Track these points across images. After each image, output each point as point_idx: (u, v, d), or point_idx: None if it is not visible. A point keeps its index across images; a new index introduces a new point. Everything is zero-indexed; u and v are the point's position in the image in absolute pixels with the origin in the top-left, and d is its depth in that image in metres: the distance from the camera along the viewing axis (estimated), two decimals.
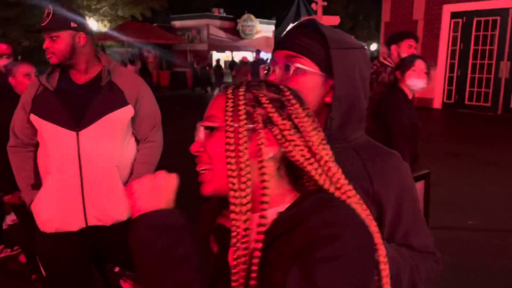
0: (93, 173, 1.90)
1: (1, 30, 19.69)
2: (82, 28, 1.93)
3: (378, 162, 0.99)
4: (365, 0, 34.77)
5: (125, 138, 2.02)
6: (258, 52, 12.25)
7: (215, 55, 26.06)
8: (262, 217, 0.73)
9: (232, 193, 0.74)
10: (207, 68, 20.21)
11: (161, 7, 24.76)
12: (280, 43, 1.02)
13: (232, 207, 0.74)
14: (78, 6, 22.12)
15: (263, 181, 0.74)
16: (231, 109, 0.77)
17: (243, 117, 0.76)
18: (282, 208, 0.76)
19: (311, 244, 0.66)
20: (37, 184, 1.99)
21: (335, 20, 14.65)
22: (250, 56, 24.76)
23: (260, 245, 0.72)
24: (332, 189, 0.76)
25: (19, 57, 23.35)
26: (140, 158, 2.08)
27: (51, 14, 1.86)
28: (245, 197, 0.73)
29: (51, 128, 1.89)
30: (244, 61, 13.06)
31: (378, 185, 0.96)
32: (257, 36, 28.43)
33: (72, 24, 1.89)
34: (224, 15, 27.92)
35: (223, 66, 20.66)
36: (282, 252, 0.70)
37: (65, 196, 1.92)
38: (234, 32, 27.83)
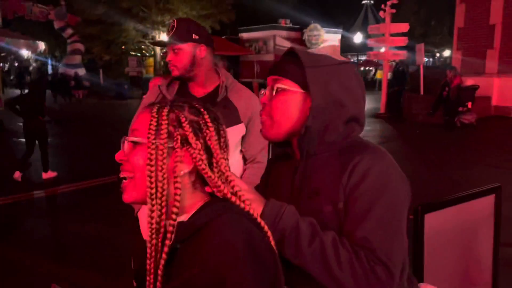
0: None
1: (86, 46, 21.34)
2: (202, 39, 1.94)
3: (354, 159, 1.07)
4: (438, 5, 33.21)
5: (233, 156, 2.02)
6: None
7: None
8: (171, 225, 0.84)
9: (149, 201, 0.84)
10: None
11: (229, 20, 25.50)
12: (270, 69, 1.19)
13: (149, 213, 0.84)
14: (153, 22, 23.47)
15: (175, 194, 0.84)
16: (154, 128, 0.86)
17: (164, 135, 0.85)
18: (185, 217, 0.88)
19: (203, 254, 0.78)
20: None
21: (404, 27, 14.21)
22: None
23: (166, 250, 0.83)
24: (233, 198, 0.88)
25: (100, 70, 25.23)
26: (246, 177, 2.05)
27: (175, 27, 1.89)
28: (161, 206, 0.84)
29: None
30: None
31: (344, 175, 1.06)
32: (323, 45, 28.24)
33: (194, 36, 1.90)
34: (291, 25, 28.07)
35: None
36: (180, 261, 0.83)
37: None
38: (301, 42, 27.87)
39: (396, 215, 1.04)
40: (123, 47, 24.78)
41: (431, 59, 40.80)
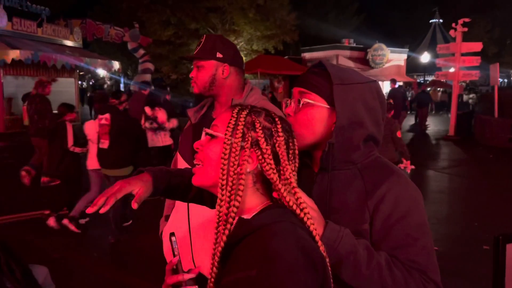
0: (199, 213, 1.69)
1: (155, 65, 22.52)
2: (227, 59, 1.85)
3: (375, 179, 1.11)
4: None
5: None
6: (393, 81, 11.93)
7: None
8: (231, 217, 0.91)
9: (219, 191, 0.93)
10: None
11: (292, 40, 25.78)
12: (297, 81, 1.19)
13: (218, 201, 0.93)
14: None
15: (238, 190, 0.92)
16: (232, 127, 0.95)
17: (239, 135, 0.94)
18: (249, 215, 0.94)
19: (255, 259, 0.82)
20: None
21: (476, 46, 13.56)
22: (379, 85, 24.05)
23: (224, 240, 0.90)
24: (294, 207, 0.92)
25: (168, 88, 26.43)
26: None
27: (202, 43, 1.85)
28: (229, 198, 0.91)
29: (180, 160, 1.93)
30: None
31: (371, 199, 1.08)
32: (387, 65, 27.63)
33: (218, 55, 1.83)
34: (354, 45, 27.81)
35: None
36: (236, 257, 0.87)
37: (176, 234, 1.90)
38: (364, 61, 27.48)
39: (429, 233, 1.11)
40: (190, 67, 25.81)
41: (505, 80, 38.43)
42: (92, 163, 4.93)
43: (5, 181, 7.38)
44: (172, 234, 1.05)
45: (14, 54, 13.68)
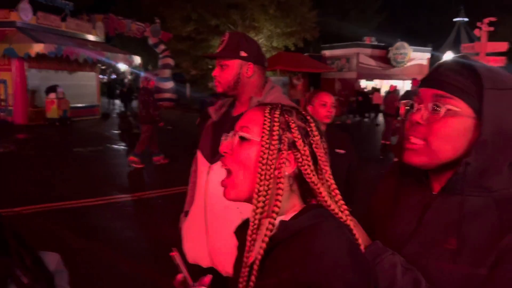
0: (216, 210, 1.77)
1: (175, 61, 22.68)
2: (251, 58, 1.82)
3: None
4: None
5: None
6: (415, 80, 11.72)
7: (364, 84, 25.73)
8: (270, 223, 0.86)
9: (255, 197, 0.87)
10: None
11: (313, 37, 25.61)
12: (428, 80, 0.96)
13: (253, 208, 0.88)
14: None
15: (277, 194, 0.87)
16: (268, 128, 0.89)
17: (276, 137, 0.88)
18: (287, 217, 0.89)
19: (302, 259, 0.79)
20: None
21: (502, 46, 13.23)
22: (400, 84, 23.76)
23: (264, 246, 0.85)
24: (336, 210, 0.88)
25: (187, 84, 26.63)
26: None
27: (225, 41, 1.82)
28: (263, 203, 0.87)
29: (199, 157, 1.92)
30: (390, 90, 12.61)
31: (507, 240, 0.84)
32: (409, 64, 27.20)
33: (242, 53, 1.80)
34: (376, 43, 27.46)
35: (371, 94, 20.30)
36: (277, 259, 0.84)
37: (193, 230, 1.88)
38: (385, 60, 27.12)
39: None
40: (209, 63, 25.95)
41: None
42: None
43: (27, 171, 7.56)
44: (173, 251, 0.97)
45: (38, 47, 13.95)
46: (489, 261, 0.84)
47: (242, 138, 0.92)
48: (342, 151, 2.75)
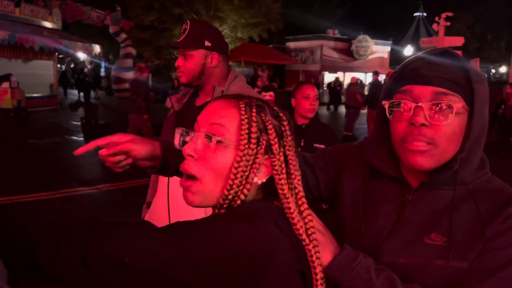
0: (179, 202, 1.80)
1: (137, 50, 22.16)
2: (216, 47, 1.79)
3: (494, 207, 0.87)
4: (495, 18, 31.87)
5: None
6: (376, 73, 11.95)
7: (327, 76, 26.09)
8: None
9: (221, 201, 0.78)
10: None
11: (277, 28, 25.65)
12: (419, 76, 0.89)
13: (213, 211, 0.81)
14: None
15: (240, 199, 0.78)
16: (247, 131, 0.77)
17: (254, 141, 0.77)
18: None
19: None
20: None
21: (458, 41, 13.77)
22: (362, 77, 24.26)
23: None
24: (296, 219, 0.79)
25: (150, 74, 26.08)
26: None
27: (187, 30, 1.75)
28: (229, 205, 0.79)
29: None
30: (352, 82, 12.82)
31: (490, 232, 0.85)
32: (371, 56, 27.79)
33: (206, 43, 1.76)
34: (339, 36, 27.86)
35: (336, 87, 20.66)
36: None
37: (155, 221, 1.90)
38: (348, 53, 27.58)
39: None
40: (172, 53, 25.54)
41: (486, 75, 39.12)
42: None
43: None
44: None
45: None
46: (473, 254, 0.85)
47: (217, 141, 0.78)
48: (322, 146, 2.64)
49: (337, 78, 22.68)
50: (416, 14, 37.06)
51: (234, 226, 0.70)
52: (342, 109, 18.27)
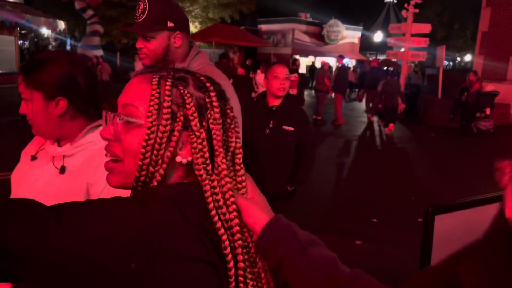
0: None
1: (105, 28, 21.47)
2: (178, 26, 1.71)
3: None
4: (462, 8, 32.67)
5: None
6: (341, 57, 12.08)
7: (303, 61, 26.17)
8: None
9: (135, 185, 0.75)
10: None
11: (249, 10, 25.41)
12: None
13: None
14: None
15: (156, 179, 0.74)
16: (156, 106, 0.73)
17: (167, 116, 0.73)
18: None
19: None
20: None
21: (426, 28, 13.99)
22: (333, 61, 24.47)
23: None
24: (210, 199, 0.73)
25: (118, 53, 25.39)
26: None
27: (146, 11, 1.65)
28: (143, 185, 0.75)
29: None
30: (322, 65, 12.91)
31: None
32: (342, 41, 28.00)
33: (169, 24, 1.67)
34: (311, 20, 27.88)
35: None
36: None
37: None
38: (319, 37, 27.67)
39: None
40: None
41: (451, 63, 40.24)
42: None
43: None
44: None
45: None
46: None
47: (127, 122, 0.74)
48: (290, 128, 2.66)
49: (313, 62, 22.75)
50: (386, 0, 37.47)
51: (124, 208, 0.67)
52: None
